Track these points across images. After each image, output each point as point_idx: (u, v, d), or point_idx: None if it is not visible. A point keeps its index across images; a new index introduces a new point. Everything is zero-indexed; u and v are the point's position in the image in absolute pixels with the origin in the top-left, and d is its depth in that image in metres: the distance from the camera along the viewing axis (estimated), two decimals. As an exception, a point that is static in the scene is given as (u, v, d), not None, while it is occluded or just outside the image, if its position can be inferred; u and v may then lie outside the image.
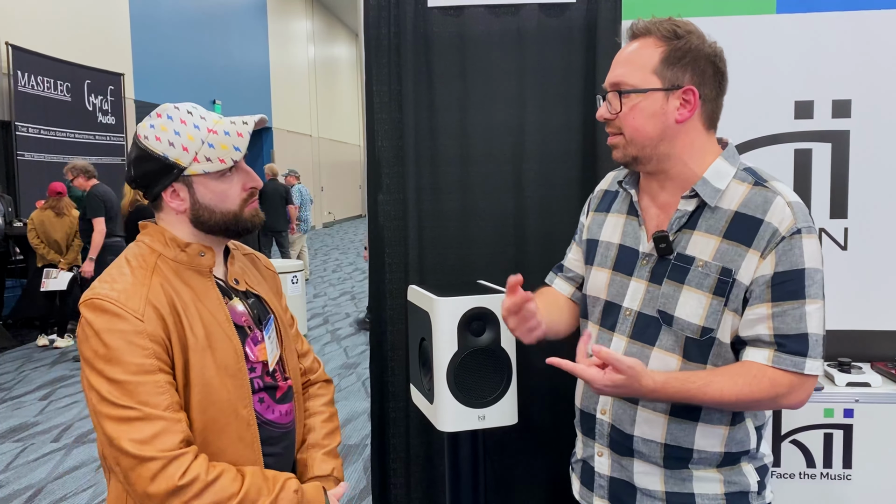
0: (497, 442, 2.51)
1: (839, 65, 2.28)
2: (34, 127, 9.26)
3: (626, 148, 1.44)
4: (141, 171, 1.40)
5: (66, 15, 10.47)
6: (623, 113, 1.41)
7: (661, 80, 1.39)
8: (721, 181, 1.41)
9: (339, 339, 7.56)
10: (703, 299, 1.38)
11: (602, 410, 1.54)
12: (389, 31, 2.52)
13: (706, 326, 1.38)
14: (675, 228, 1.43)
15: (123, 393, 1.26)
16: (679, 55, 1.39)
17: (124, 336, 1.28)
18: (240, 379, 1.40)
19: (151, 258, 1.40)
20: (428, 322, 2.03)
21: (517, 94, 2.51)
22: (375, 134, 2.56)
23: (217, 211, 1.41)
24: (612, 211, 1.61)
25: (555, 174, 2.51)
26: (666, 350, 1.43)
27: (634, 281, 1.49)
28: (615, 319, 1.52)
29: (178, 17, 13.82)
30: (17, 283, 8.34)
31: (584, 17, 2.45)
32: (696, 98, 1.39)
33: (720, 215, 1.39)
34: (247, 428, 1.40)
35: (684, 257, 1.41)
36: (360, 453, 4.42)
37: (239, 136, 1.39)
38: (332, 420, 1.65)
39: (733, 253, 1.36)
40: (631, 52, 1.44)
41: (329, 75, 24.62)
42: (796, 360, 1.34)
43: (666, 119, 1.40)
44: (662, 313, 1.43)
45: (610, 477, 1.55)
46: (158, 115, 1.41)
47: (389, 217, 2.58)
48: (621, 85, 1.42)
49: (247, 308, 1.49)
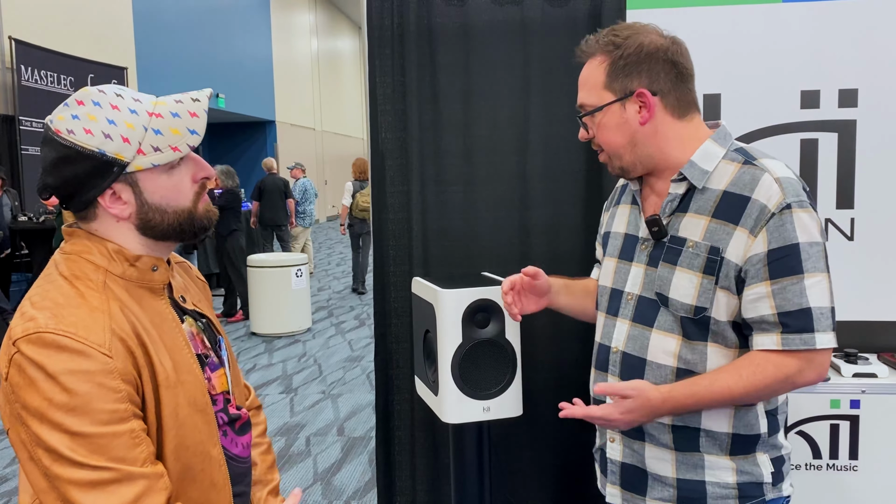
0: (502, 433, 2.51)
1: (845, 54, 2.26)
2: (38, 121, 9.26)
3: (612, 162, 1.52)
4: (66, 175, 1.11)
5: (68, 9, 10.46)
6: (595, 134, 1.51)
7: (613, 93, 1.45)
8: (709, 163, 1.43)
9: (344, 332, 7.57)
10: (695, 279, 1.41)
11: None
12: (392, 23, 2.51)
13: (699, 305, 1.40)
14: (667, 212, 1.48)
15: (92, 449, 1.02)
16: (621, 64, 1.44)
17: (91, 378, 1.02)
18: (208, 414, 1.20)
19: (98, 276, 1.12)
20: (432, 314, 2.02)
21: (521, 85, 2.49)
22: (379, 126, 2.55)
23: (169, 211, 1.17)
24: (621, 203, 1.67)
25: (559, 166, 2.50)
26: (665, 331, 1.46)
27: (635, 266, 1.54)
28: (618, 304, 1.56)
29: (181, 10, 13.80)
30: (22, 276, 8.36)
31: (589, 7, 2.44)
32: (649, 98, 1.43)
33: (709, 196, 1.42)
34: (218, 469, 1.22)
35: (677, 239, 1.45)
36: (365, 446, 4.43)
37: (192, 115, 1.15)
38: (270, 452, 1.50)
39: (721, 231, 1.39)
40: (584, 74, 1.51)
41: (332, 68, 24.58)
42: (804, 336, 1.34)
43: (630, 126, 1.46)
44: (659, 295, 1.47)
45: (622, 463, 1.56)
46: (80, 101, 1.13)
47: (393, 209, 2.58)
48: (583, 107, 1.52)
49: (199, 330, 1.28)
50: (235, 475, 1.28)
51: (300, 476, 4.03)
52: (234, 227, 7.72)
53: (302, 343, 7.13)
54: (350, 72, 27.11)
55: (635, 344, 1.50)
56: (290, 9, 20.41)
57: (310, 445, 4.48)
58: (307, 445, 4.48)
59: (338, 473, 4.05)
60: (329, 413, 5.06)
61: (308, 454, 4.34)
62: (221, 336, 1.35)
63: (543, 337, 2.55)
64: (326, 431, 4.71)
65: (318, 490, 3.85)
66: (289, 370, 6.18)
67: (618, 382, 1.35)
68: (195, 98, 1.17)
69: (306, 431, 4.72)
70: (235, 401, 1.33)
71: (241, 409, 1.35)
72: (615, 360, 1.54)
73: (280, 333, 7.38)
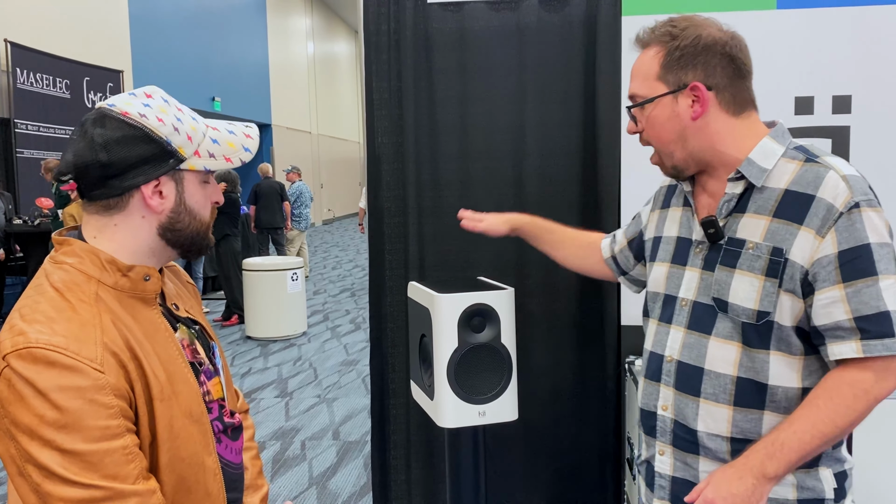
0: (498, 438, 2.51)
1: (839, 60, 2.28)
2: (33, 124, 9.25)
3: (663, 162, 1.45)
4: (124, 154, 1.10)
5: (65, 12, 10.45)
6: (645, 127, 1.43)
7: (666, 85, 1.39)
8: (768, 160, 1.36)
9: (339, 336, 7.57)
10: (756, 282, 1.33)
11: (663, 406, 1.48)
12: (389, 28, 2.52)
13: (762, 310, 1.32)
14: (724, 213, 1.40)
15: (84, 467, 1.01)
16: (677, 55, 1.37)
17: (83, 394, 1.01)
18: (203, 424, 1.19)
19: (89, 287, 1.11)
20: (428, 318, 2.03)
21: (517, 90, 2.50)
22: (375, 130, 2.56)
23: (197, 218, 1.20)
24: (672, 206, 1.59)
25: (555, 170, 2.51)
26: (724, 338, 1.38)
27: (689, 270, 1.46)
28: (672, 311, 1.48)
29: (177, 13, 13.81)
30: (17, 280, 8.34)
31: (584, 12, 2.45)
32: (704, 92, 1.37)
33: (769, 195, 1.35)
34: (213, 479, 1.21)
35: (735, 241, 1.37)
36: (361, 450, 4.42)
37: (247, 136, 1.23)
38: (258, 457, 1.48)
39: (784, 231, 1.31)
40: (636, 64, 1.44)
41: (328, 72, 24.59)
42: (886, 342, 1.24)
43: (680, 120, 1.39)
44: (717, 300, 1.39)
45: (672, 477, 1.47)
46: (149, 95, 1.17)
47: (390, 213, 2.58)
48: (634, 98, 1.44)
49: (192, 338, 1.27)
50: (229, 481, 1.27)
51: (295, 480, 4.02)
52: (228, 231, 7.72)
53: (297, 347, 7.12)
54: (346, 75, 27.13)
55: (691, 352, 1.42)
56: (287, 12, 20.43)
57: (305, 449, 4.47)
58: (302, 449, 4.47)
59: (333, 478, 4.05)
60: (324, 417, 5.06)
61: (303, 458, 4.34)
62: (215, 343, 1.34)
63: (539, 341, 2.56)
64: (322, 435, 4.71)
65: (314, 494, 3.84)
66: (284, 374, 6.17)
67: (698, 487, 1.26)
68: (248, 125, 1.26)
69: (301, 435, 4.71)
70: (229, 407, 1.33)
71: (235, 414, 1.35)
72: (669, 370, 1.46)
73: (275, 337, 7.37)
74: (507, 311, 2.02)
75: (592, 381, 2.56)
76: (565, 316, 2.56)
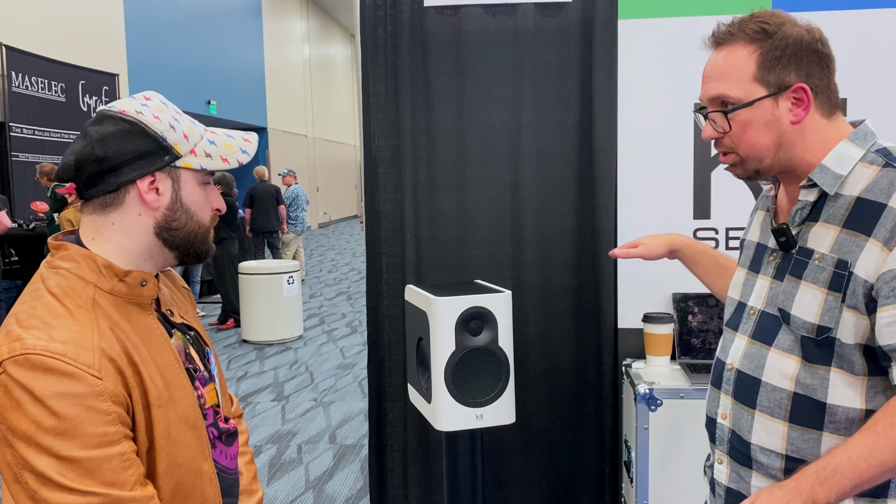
0: (495, 441, 2.51)
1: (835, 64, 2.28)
2: (28, 128, 9.23)
3: (746, 164, 1.34)
4: (120, 147, 1.11)
5: (60, 15, 10.44)
6: (734, 132, 1.31)
7: (766, 86, 1.28)
8: (843, 166, 1.27)
9: (336, 339, 7.56)
10: (819, 295, 1.26)
11: (723, 415, 1.43)
12: (386, 31, 2.52)
13: (822, 325, 1.25)
14: (797, 221, 1.33)
15: (82, 473, 1.00)
16: (777, 54, 1.27)
17: (80, 401, 1.00)
18: (199, 430, 1.20)
19: (86, 292, 1.10)
20: (425, 322, 2.03)
21: (514, 93, 2.51)
22: (372, 134, 2.56)
23: (194, 218, 1.19)
24: (759, 209, 1.53)
25: (551, 173, 2.51)
26: (784, 351, 1.32)
27: (760, 279, 1.41)
28: (740, 319, 1.43)
29: (172, 17, 13.79)
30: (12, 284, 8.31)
31: (581, 16, 2.45)
32: (808, 94, 1.27)
33: (842, 203, 1.26)
34: (209, 484, 1.21)
35: (805, 251, 1.30)
36: (358, 453, 4.42)
37: (245, 140, 1.25)
38: (253, 462, 1.49)
39: (851, 244, 1.23)
40: (723, 63, 1.31)
41: (324, 75, 24.59)
42: None
43: (781, 125, 1.29)
44: (782, 311, 1.32)
45: (727, 487, 1.43)
46: (147, 97, 1.19)
47: (386, 217, 2.58)
48: (723, 101, 1.31)
49: (187, 344, 1.26)
50: (225, 487, 1.28)
51: (292, 484, 4.01)
52: (224, 235, 7.71)
53: (293, 350, 7.11)
54: (342, 79, 27.14)
55: (751, 363, 1.36)
56: (283, 16, 20.43)
57: (301, 453, 4.47)
58: (299, 453, 4.47)
59: (330, 481, 4.04)
60: (321, 421, 5.05)
61: (300, 462, 4.33)
62: (209, 349, 1.34)
63: (536, 344, 2.56)
64: (318, 439, 4.70)
65: (310, 498, 3.83)
66: (280, 378, 6.16)
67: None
68: (248, 133, 1.28)
69: (298, 439, 4.70)
70: (223, 412, 1.33)
71: (230, 420, 1.35)
72: (729, 378, 1.41)
73: (271, 341, 7.36)
74: (504, 314, 2.02)
75: (590, 384, 2.56)
76: (563, 319, 2.56)
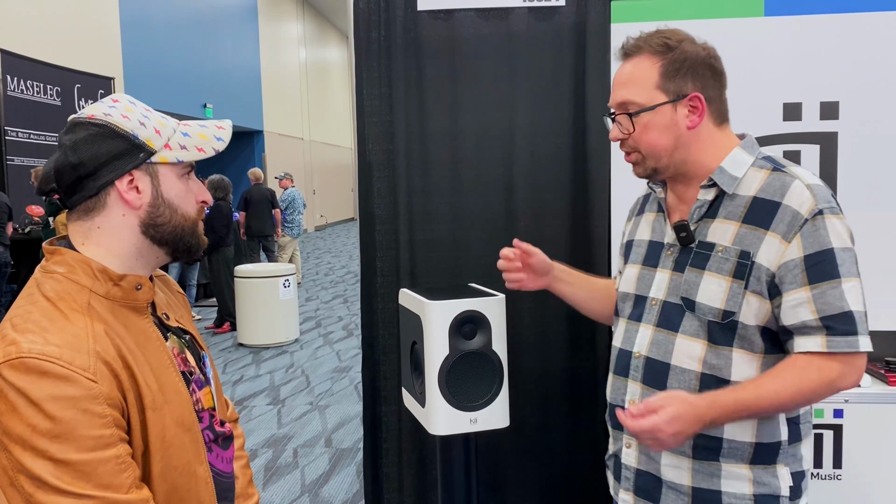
0: (489, 445, 2.51)
1: (827, 67, 2.29)
2: (24, 131, 9.21)
3: (645, 163, 1.49)
4: (93, 151, 1.11)
5: (56, 19, 10.42)
6: (636, 133, 1.47)
7: (666, 94, 1.44)
8: (738, 169, 1.45)
9: (332, 342, 7.55)
10: (724, 283, 1.41)
11: (630, 401, 1.54)
12: (380, 35, 2.53)
13: (727, 310, 1.40)
14: (695, 218, 1.48)
15: (77, 476, 1.00)
16: (677, 66, 1.43)
17: (76, 404, 1.01)
18: (195, 433, 1.20)
19: (82, 296, 1.11)
20: (419, 325, 2.03)
21: (507, 97, 2.51)
22: (366, 137, 2.56)
23: (178, 212, 1.19)
24: (646, 211, 1.67)
25: (545, 177, 2.52)
26: (690, 335, 1.46)
27: (659, 272, 1.54)
28: (642, 310, 1.56)
29: (168, 20, 13.78)
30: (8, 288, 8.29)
31: (574, 20, 2.46)
32: (702, 102, 1.44)
33: (739, 202, 1.43)
34: (205, 487, 1.21)
35: (705, 244, 1.45)
36: (353, 457, 4.41)
37: (219, 128, 1.24)
38: (248, 466, 1.50)
39: (752, 236, 1.39)
40: (630, 72, 1.48)
41: (320, 78, 24.59)
42: (849, 339, 1.34)
43: (678, 129, 1.45)
44: (685, 300, 1.46)
45: (637, 469, 1.55)
46: (115, 100, 1.18)
47: (381, 220, 2.58)
48: (629, 105, 1.47)
49: (183, 348, 1.27)
50: (221, 490, 1.28)
51: (288, 488, 4.01)
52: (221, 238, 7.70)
53: (289, 354, 7.11)
54: (339, 81, 27.14)
55: (659, 349, 1.49)
56: (278, 18, 20.43)
57: (297, 457, 4.46)
58: (295, 457, 4.46)
59: (325, 485, 4.03)
60: (317, 424, 5.04)
61: (295, 466, 4.32)
62: (205, 352, 1.34)
63: (530, 348, 2.56)
64: (314, 443, 4.69)
65: (306, 502, 3.83)
66: (276, 381, 6.15)
67: (649, 400, 1.34)
68: (222, 121, 1.26)
69: (294, 443, 4.70)
70: (219, 416, 1.33)
71: (225, 423, 1.35)
72: (637, 365, 1.53)
73: (267, 344, 7.34)
74: (498, 317, 2.02)
75: (584, 387, 2.57)
76: (556, 321, 2.56)
